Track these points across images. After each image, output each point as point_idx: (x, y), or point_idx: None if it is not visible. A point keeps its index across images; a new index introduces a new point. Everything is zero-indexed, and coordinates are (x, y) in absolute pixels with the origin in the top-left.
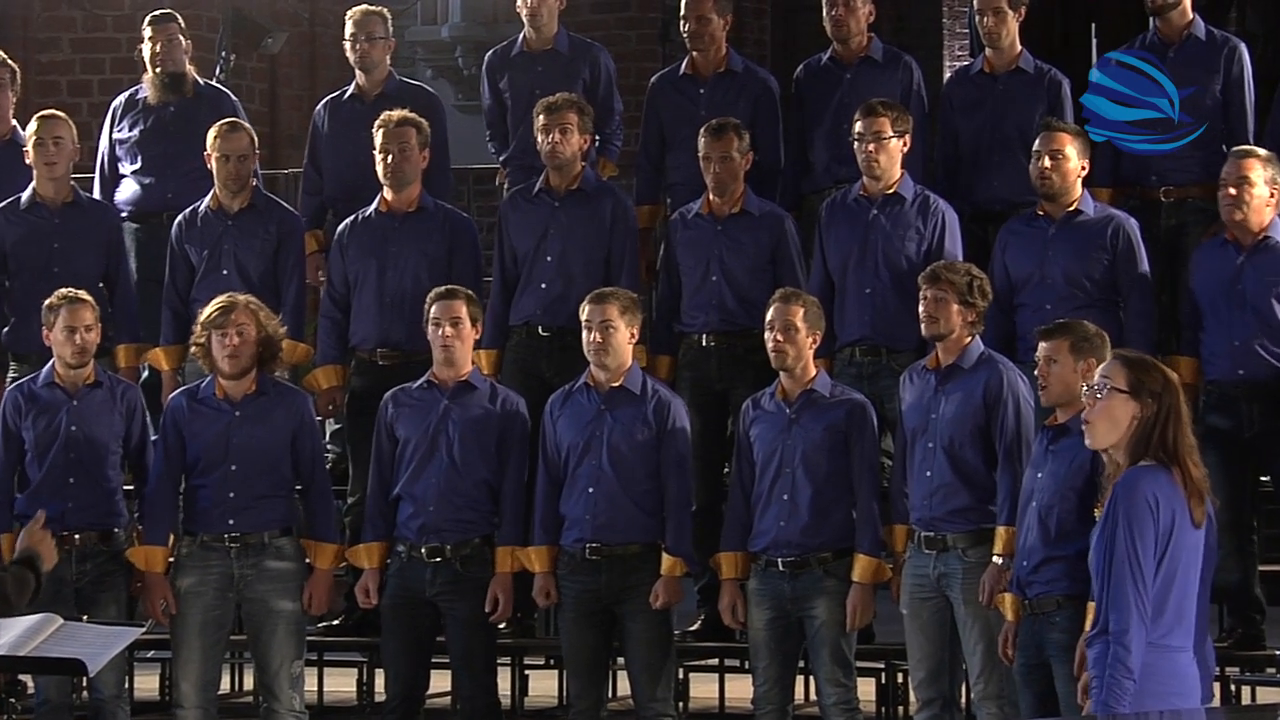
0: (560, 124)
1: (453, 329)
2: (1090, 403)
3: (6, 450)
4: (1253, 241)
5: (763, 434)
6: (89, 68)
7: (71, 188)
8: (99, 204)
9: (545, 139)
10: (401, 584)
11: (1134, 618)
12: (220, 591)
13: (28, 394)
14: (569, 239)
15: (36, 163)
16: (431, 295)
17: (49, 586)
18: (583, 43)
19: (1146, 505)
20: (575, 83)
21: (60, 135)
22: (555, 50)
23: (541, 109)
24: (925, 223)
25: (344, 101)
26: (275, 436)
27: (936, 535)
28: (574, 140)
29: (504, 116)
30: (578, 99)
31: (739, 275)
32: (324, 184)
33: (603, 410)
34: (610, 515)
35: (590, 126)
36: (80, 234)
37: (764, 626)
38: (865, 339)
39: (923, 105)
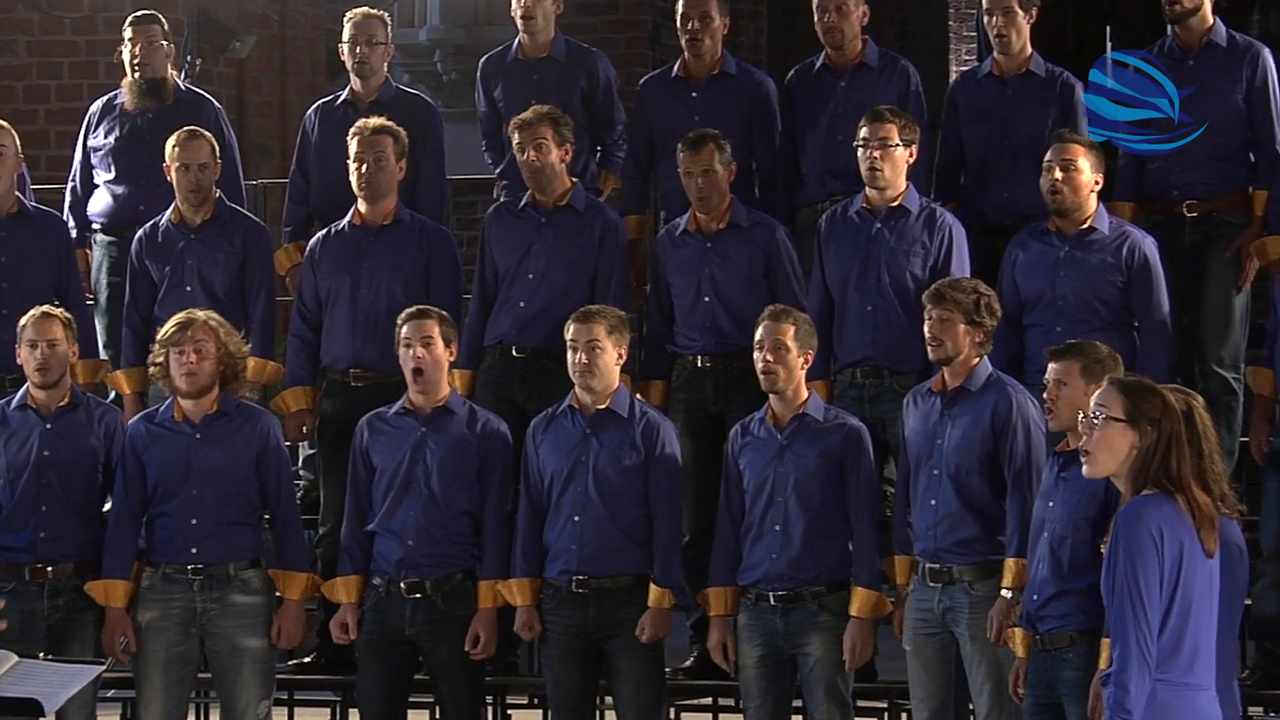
0: (535, 139)
1: (424, 350)
2: (1087, 432)
3: None
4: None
5: (753, 461)
6: (46, 72)
7: (17, 199)
8: (46, 213)
9: (521, 155)
10: (379, 620)
11: (1134, 657)
12: (183, 626)
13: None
14: (553, 257)
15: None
16: (402, 315)
17: (19, 622)
18: (581, 49)
19: (1150, 538)
20: (573, 91)
21: (3, 144)
22: (552, 57)
23: (515, 126)
24: (932, 238)
25: (336, 107)
26: (238, 459)
27: (942, 567)
28: (551, 154)
29: (499, 126)
30: (551, 110)
31: (732, 294)
32: (311, 194)
33: (588, 434)
34: (597, 545)
35: (569, 135)
36: (29, 247)
37: (755, 664)
38: (867, 360)
39: (922, 111)
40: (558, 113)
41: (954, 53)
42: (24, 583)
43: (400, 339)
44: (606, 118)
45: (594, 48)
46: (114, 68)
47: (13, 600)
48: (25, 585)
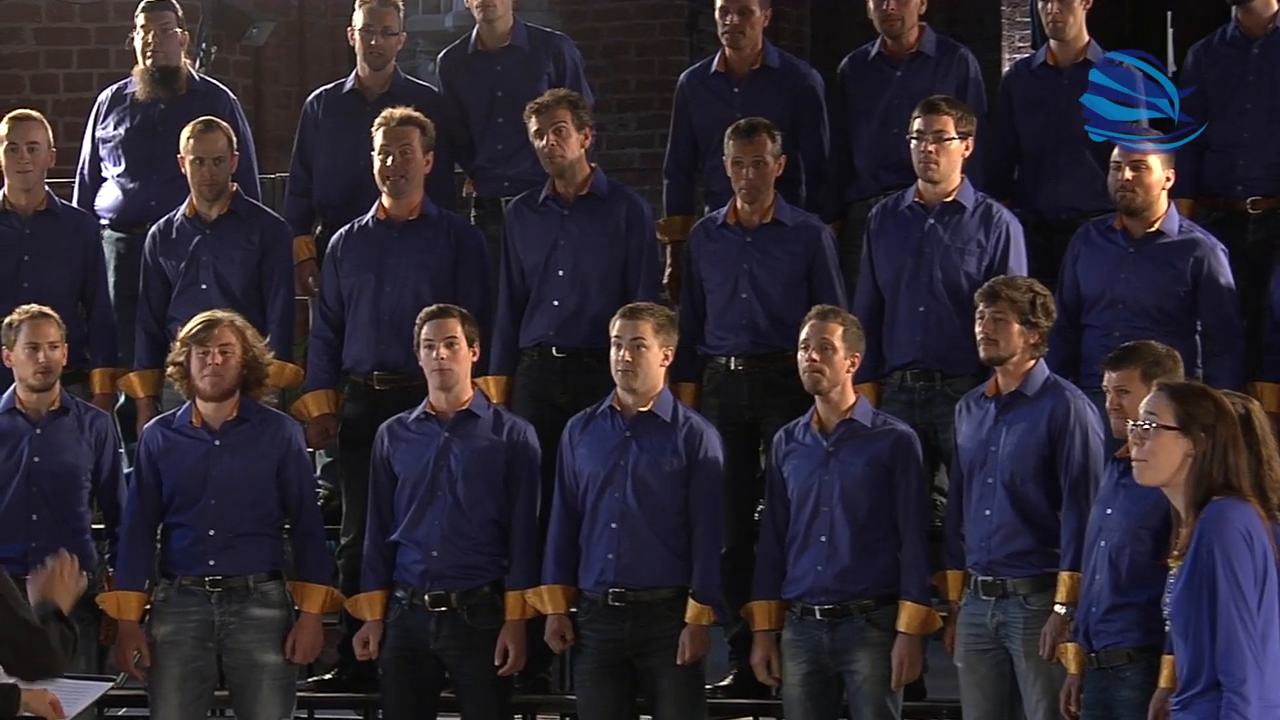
0: (554, 124)
1: (448, 351)
2: (1138, 441)
3: None
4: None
5: (797, 468)
6: (54, 61)
7: (46, 194)
8: (75, 212)
9: (539, 143)
10: (402, 634)
11: (1250, 664)
12: (199, 641)
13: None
14: (581, 250)
15: (7, 169)
16: (422, 315)
17: None
18: (542, 34)
19: (1241, 539)
20: (539, 79)
21: (35, 140)
22: (513, 45)
23: (530, 113)
24: (987, 234)
25: (342, 96)
26: (259, 467)
27: (995, 580)
28: (572, 140)
29: (465, 123)
30: (567, 93)
31: (771, 292)
32: (314, 186)
33: (628, 437)
34: (635, 556)
35: (588, 119)
36: (54, 245)
37: (799, 682)
38: (917, 362)
39: (981, 102)
40: (576, 95)
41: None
42: None
43: (421, 340)
44: None
45: (556, 31)
46: (125, 55)
47: None
48: None
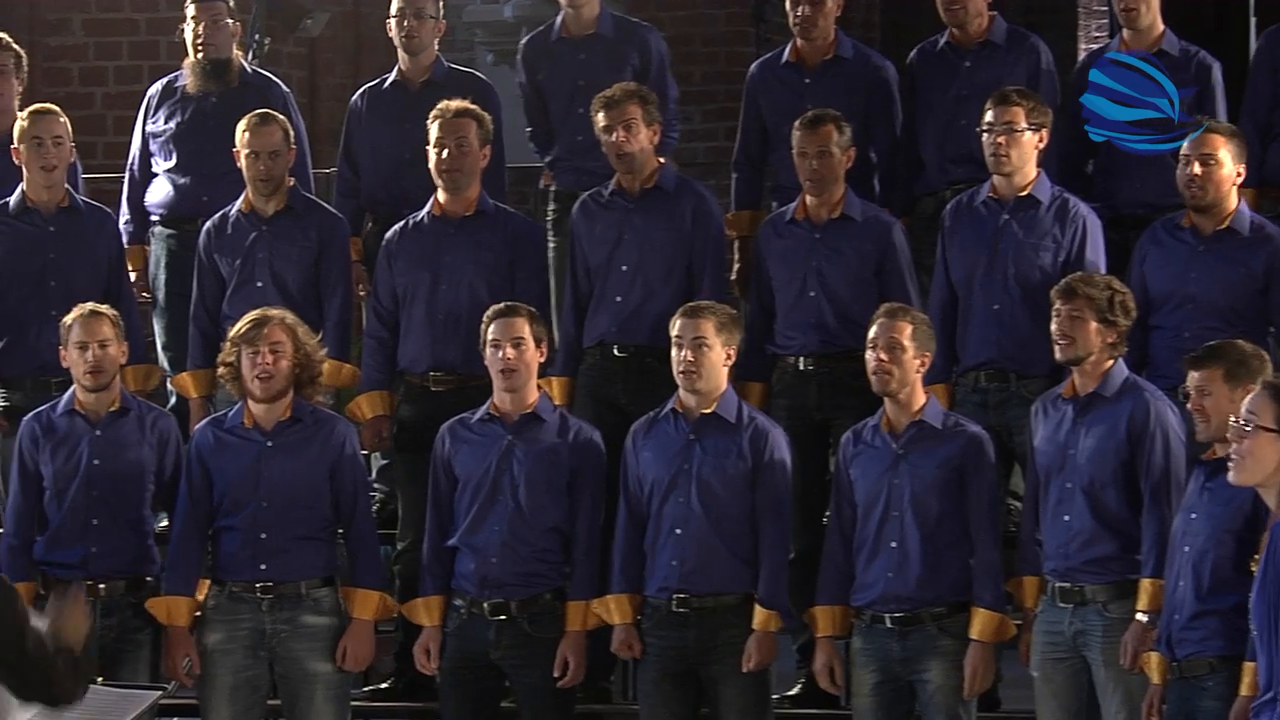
0: (623, 119)
1: (515, 351)
2: (1236, 440)
3: (24, 489)
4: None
5: (866, 471)
6: (103, 53)
7: (67, 191)
8: (96, 208)
9: (609, 137)
10: (461, 644)
11: None
12: (251, 649)
13: (45, 424)
14: (646, 246)
15: (30, 164)
16: (489, 314)
17: None
18: (629, 24)
19: None
20: (623, 70)
21: (59, 135)
22: (599, 34)
23: (599, 106)
24: (1064, 230)
25: (385, 90)
26: (312, 470)
27: (1073, 587)
28: (641, 135)
29: (545, 113)
30: (637, 88)
31: (840, 289)
32: (361, 184)
33: (692, 440)
34: (700, 561)
35: (657, 115)
36: (78, 243)
37: (870, 692)
38: (992, 362)
39: (1054, 93)
40: (645, 90)
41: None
42: None
43: (487, 339)
44: (659, 96)
45: (644, 22)
46: (176, 48)
47: None
48: None
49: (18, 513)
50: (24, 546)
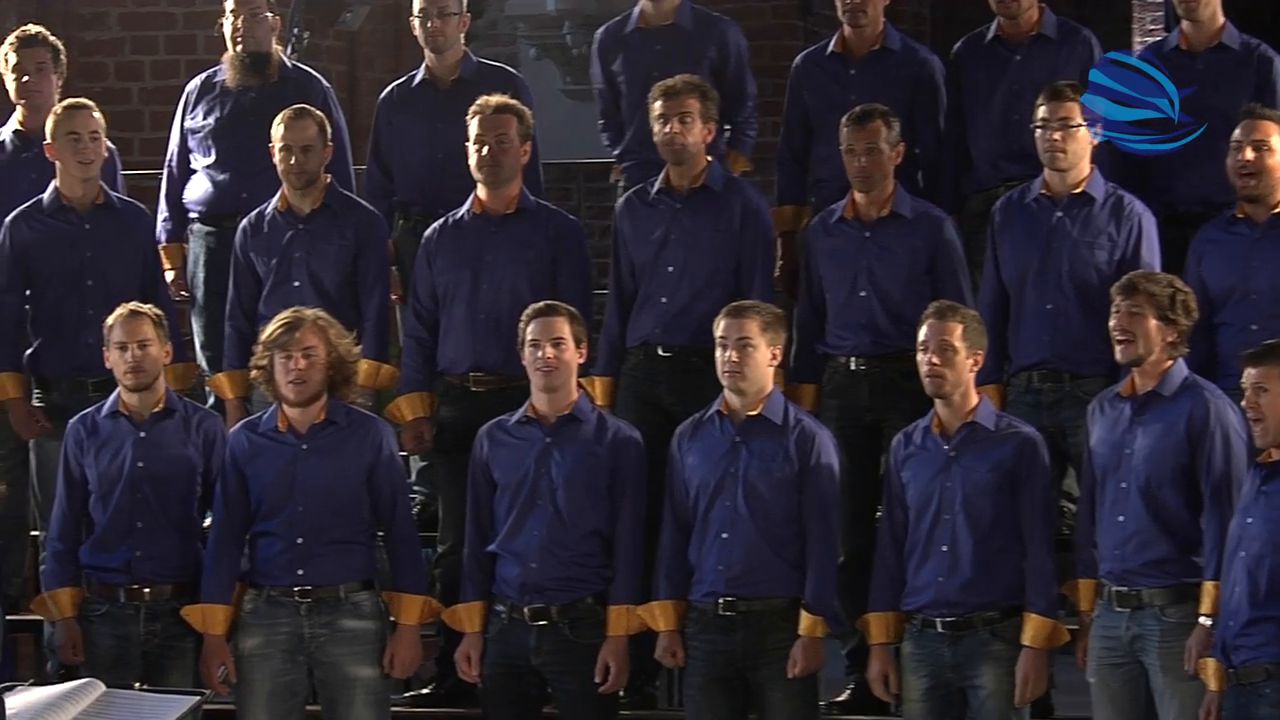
0: (679, 111)
1: (554, 350)
2: None
3: (69, 492)
4: None
5: (917, 474)
6: (140, 47)
7: (102, 188)
8: (132, 205)
9: (662, 129)
10: (502, 649)
11: None
12: (289, 654)
13: (90, 425)
14: (693, 245)
15: (66, 160)
16: (528, 313)
17: (113, 649)
18: (709, 16)
19: None
20: (700, 63)
21: (96, 129)
22: (677, 25)
23: (658, 94)
24: (1119, 227)
25: (414, 88)
26: (349, 472)
27: (1130, 591)
28: (695, 130)
29: (619, 104)
30: (699, 82)
31: (891, 289)
32: (392, 185)
33: (738, 443)
34: (746, 565)
35: (715, 113)
36: (114, 241)
37: (920, 698)
38: (1045, 362)
39: None
40: (706, 85)
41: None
42: (118, 605)
43: (526, 338)
44: (737, 93)
45: (724, 16)
46: (214, 42)
47: (106, 625)
48: (119, 608)
49: (63, 517)
50: (69, 551)
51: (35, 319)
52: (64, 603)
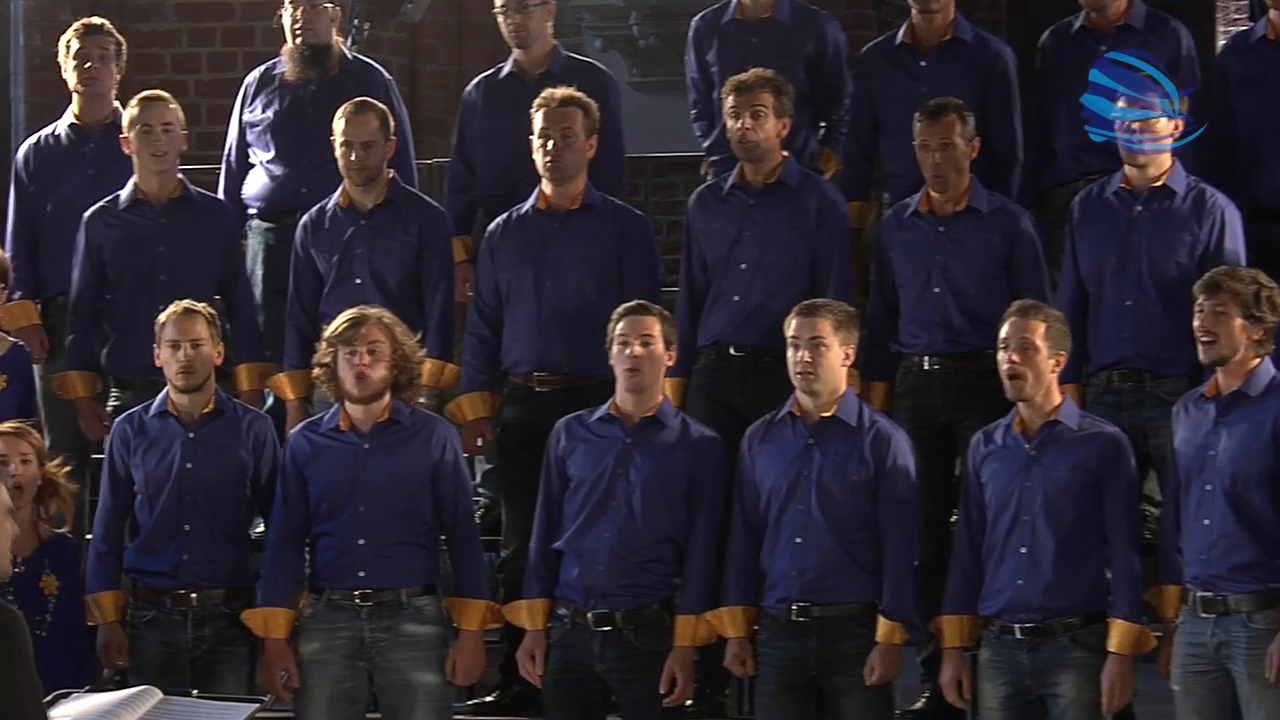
0: (752, 106)
1: (643, 349)
2: None
3: (114, 493)
4: None
5: (996, 474)
6: (197, 39)
7: (180, 182)
8: (213, 200)
9: (735, 123)
10: (565, 655)
11: None
12: (349, 659)
13: (137, 426)
14: (767, 242)
15: (140, 153)
16: (619, 310)
17: (161, 655)
18: (807, 10)
19: None
20: (797, 58)
21: (169, 121)
22: (774, 18)
23: (730, 89)
24: (1200, 222)
25: (501, 81)
26: (411, 473)
27: (1216, 596)
28: (769, 125)
29: (711, 95)
30: (773, 76)
31: (966, 285)
32: (475, 180)
33: (811, 445)
34: (820, 570)
35: (790, 108)
36: (191, 236)
37: (999, 706)
38: (1125, 361)
39: (1194, 80)
40: (781, 80)
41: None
42: (165, 611)
43: (615, 335)
44: (833, 89)
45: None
46: (272, 33)
47: (153, 631)
48: (166, 614)
49: (107, 518)
50: (113, 553)
51: (110, 317)
52: (107, 606)
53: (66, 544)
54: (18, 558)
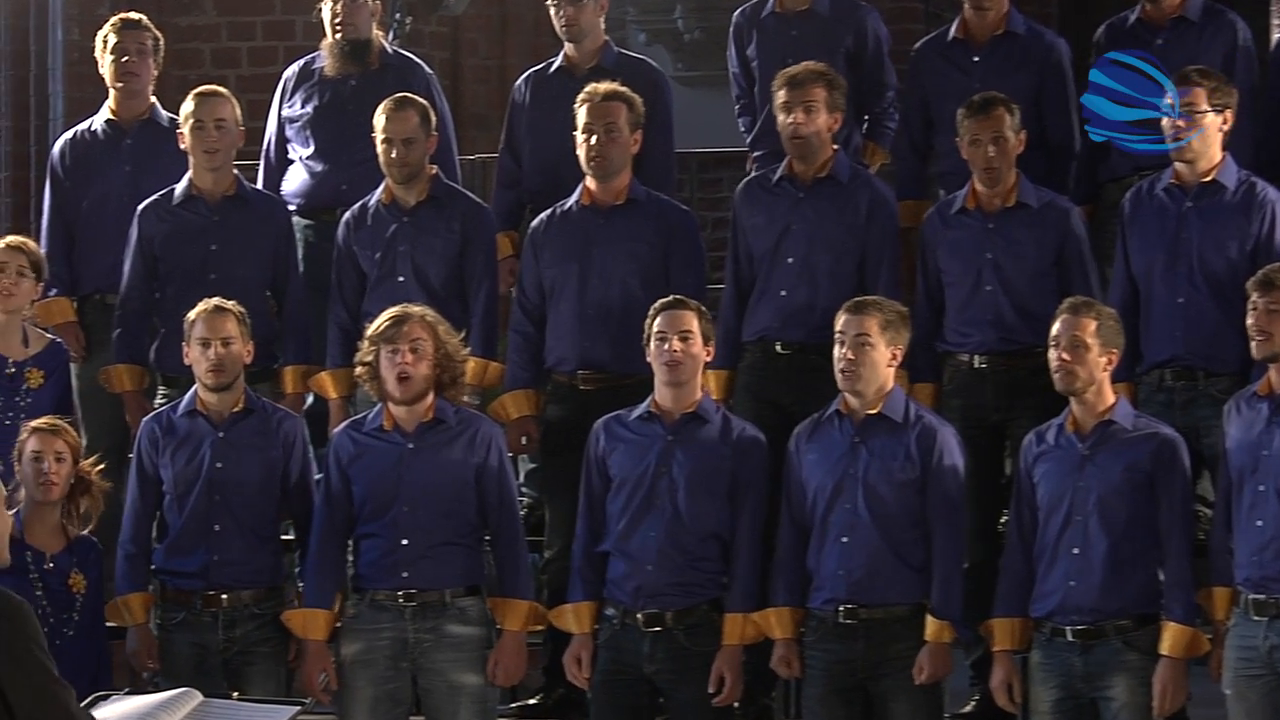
0: (804, 100)
1: (681, 344)
2: None
3: (142, 493)
4: None
5: (1049, 474)
6: (236, 33)
7: (235, 178)
8: (267, 198)
9: (786, 117)
10: (613, 657)
11: None
12: (392, 660)
13: (165, 425)
14: (815, 237)
15: (194, 149)
16: (656, 306)
17: (192, 657)
18: (848, 2)
19: None
20: (836, 51)
21: (223, 117)
22: (814, 11)
23: (781, 82)
24: (1250, 216)
25: (550, 75)
26: (456, 473)
27: (1269, 599)
28: (820, 119)
29: (753, 89)
30: (826, 70)
31: (1017, 282)
32: (523, 175)
33: (857, 443)
34: (868, 570)
35: (842, 103)
36: (242, 233)
37: (1050, 709)
38: (1177, 359)
39: (1251, 72)
40: (833, 74)
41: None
42: (195, 613)
43: (652, 332)
44: (875, 83)
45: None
46: (313, 27)
47: (183, 633)
48: (196, 615)
49: (135, 517)
50: (142, 554)
51: (161, 313)
52: (136, 608)
53: (92, 545)
54: (46, 555)
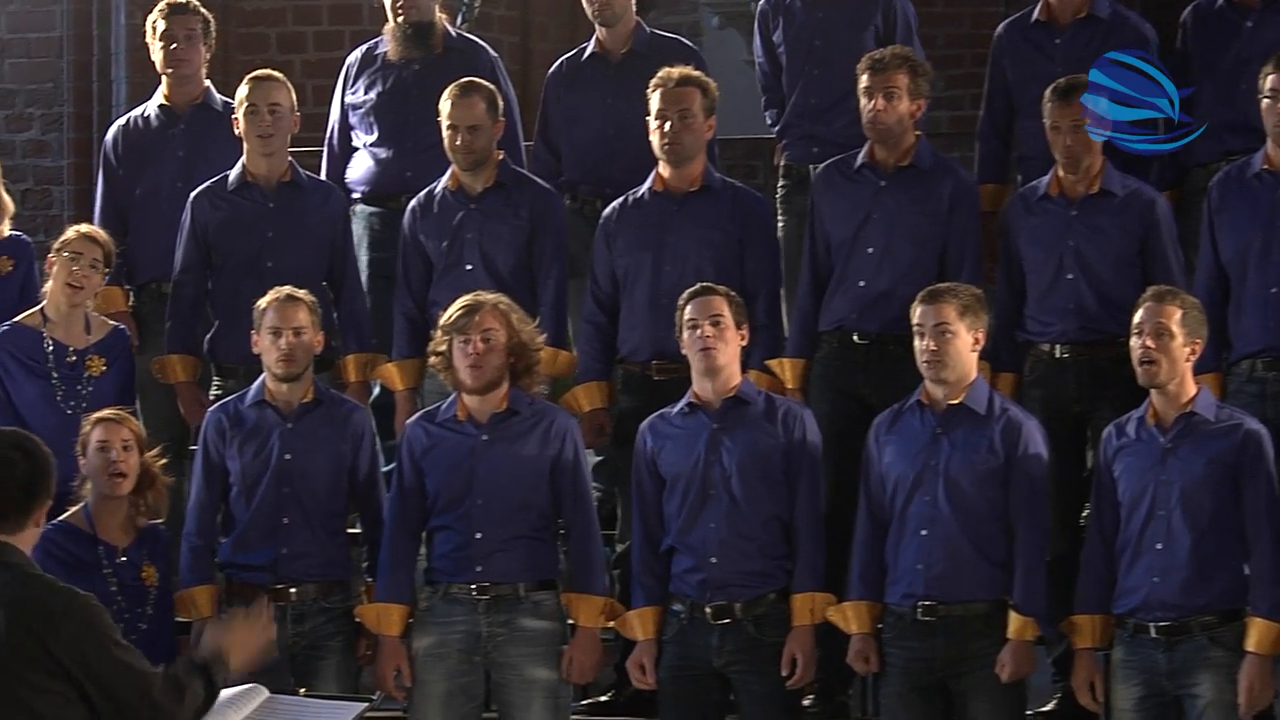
0: (886, 86)
1: (713, 329)
2: None
3: (208, 485)
4: None
5: (1130, 467)
6: (302, 17)
7: (290, 165)
8: (322, 184)
9: (867, 103)
10: (682, 651)
11: None
12: (466, 654)
13: (233, 415)
14: (896, 226)
15: (248, 134)
16: (684, 296)
17: None
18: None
19: None
20: (864, 31)
21: (277, 101)
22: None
23: (865, 66)
24: None
25: (584, 61)
26: (530, 464)
27: None
28: (901, 107)
29: (779, 77)
30: (910, 54)
31: (1100, 271)
32: (559, 164)
33: (938, 434)
34: (948, 565)
35: (926, 89)
36: (299, 221)
37: (1133, 707)
38: (1270, 349)
39: None
40: (917, 59)
41: None
42: None
43: (684, 321)
44: None
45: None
46: (378, 12)
47: None
48: None
49: (200, 510)
50: (207, 547)
51: (215, 302)
52: (202, 602)
53: (160, 535)
54: (118, 549)
